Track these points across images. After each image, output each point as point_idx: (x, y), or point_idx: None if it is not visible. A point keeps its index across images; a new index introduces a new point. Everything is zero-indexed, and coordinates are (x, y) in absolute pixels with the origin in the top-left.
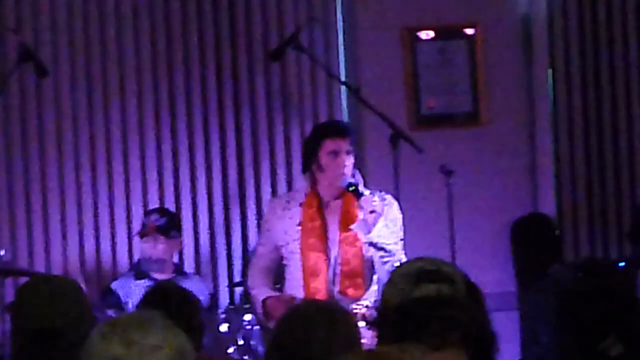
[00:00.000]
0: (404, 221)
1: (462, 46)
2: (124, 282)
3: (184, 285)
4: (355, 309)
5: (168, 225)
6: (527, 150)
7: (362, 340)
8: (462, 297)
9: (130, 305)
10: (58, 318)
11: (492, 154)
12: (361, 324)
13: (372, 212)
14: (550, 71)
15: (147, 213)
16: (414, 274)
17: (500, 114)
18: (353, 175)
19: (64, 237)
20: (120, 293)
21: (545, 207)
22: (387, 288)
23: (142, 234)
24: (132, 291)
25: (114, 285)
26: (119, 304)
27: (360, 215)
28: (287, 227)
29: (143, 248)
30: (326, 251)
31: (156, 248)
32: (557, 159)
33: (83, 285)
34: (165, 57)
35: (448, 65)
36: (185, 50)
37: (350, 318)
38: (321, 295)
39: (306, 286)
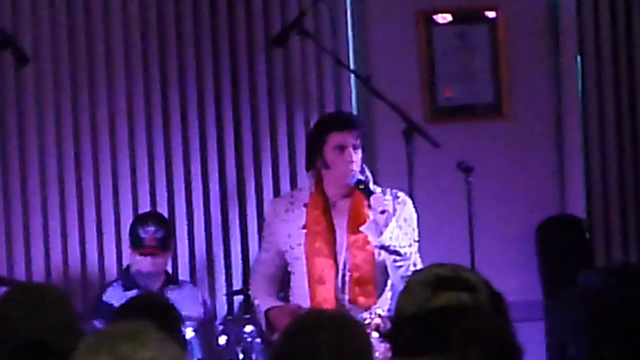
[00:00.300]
0: (418, 222)
1: (483, 31)
2: (115, 293)
3: (176, 295)
4: (367, 318)
5: (167, 237)
6: (553, 145)
7: (375, 354)
8: (484, 306)
9: None
10: (42, 330)
11: (515, 149)
12: (374, 334)
13: (383, 212)
14: (579, 58)
15: (141, 221)
16: (431, 281)
17: (525, 105)
18: (362, 172)
19: (46, 242)
20: (114, 304)
21: (574, 208)
22: (402, 296)
23: (143, 252)
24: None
25: (106, 297)
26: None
27: (371, 215)
28: (290, 231)
29: (139, 262)
30: (334, 256)
31: (155, 263)
32: (587, 155)
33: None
34: (157, 44)
35: (467, 52)
36: (178, 36)
37: (360, 328)
38: (329, 305)
39: (312, 295)
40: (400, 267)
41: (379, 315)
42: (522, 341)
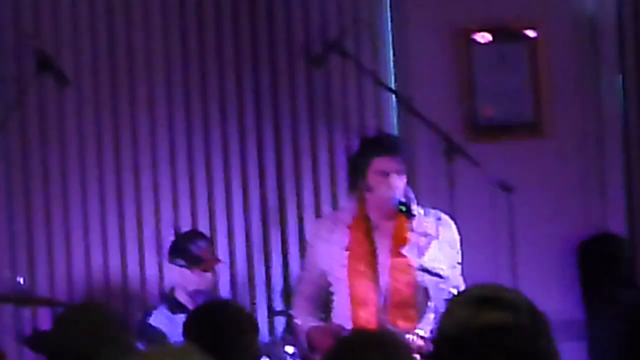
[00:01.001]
0: (460, 241)
1: (523, 49)
2: (161, 317)
3: None
4: (409, 340)
5: (214, 250)
6: (594, 164)
7: None
8: (525, 326)
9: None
10: (97, 349)
11: (556, 167)
12: (415, 357)
13: (425, 234)
14: (620, 77)
15: (189, 239)
16: (472, 302)
17: (565, 124)
18: (405, 195)
19: (87, 260)
20: (161, 328)
21: (615, 226)
22: (444, 317)
23: (205, 268)
24: (173, 326)
25: (152, 320)
26: (162, 339)
27: (413, 238)
28: (332, 252)
29: (198, 280)
30: (376, 279)
31: (213, 278)
32: (629, 173)
33: None
34: (197, 65)
35: (507, 71)
36: (219, 56)
37: (406, 349)
38: (371, 327)
39: (354, 316)
40: (442, 289)
41: (421, 337)
42: None
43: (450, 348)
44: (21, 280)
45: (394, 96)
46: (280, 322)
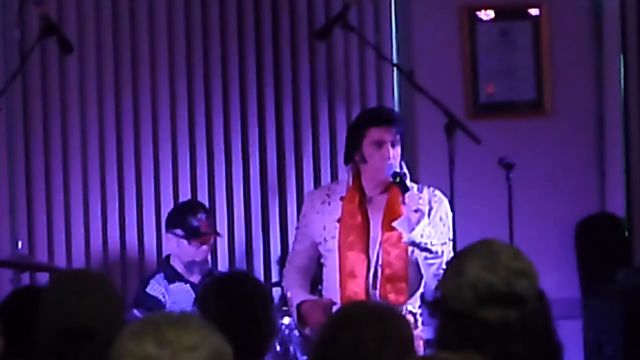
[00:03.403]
0: (459, 218)
1: (526, 28)
2: (159, 286)
3: None
4: None
5: (214, 221)
6: (594, 143)
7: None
8: (529, 319)
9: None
10: (88, 316)
11: (556, 146)
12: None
13: (416, 210)
14: (621, 56)
15: (190, 210)
16: (481, 292)
17: (566, 102)
18: (399, 168)
19: (87, 229)
20: (159, 297)
21: (614, 206)
22: (450, 281)
23: (203, 241)
24: (170, 294)
25: (150, 289)
26: (160, 308)
27: (404, 211)
28: (325, 223)
29: (194, 252)
30: (366, 251)
31: (208, 250)
32: (628, 153)
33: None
34: (200, 36)
35: (510, 49)
36: (222, 28)
37: (404, 320)
38: (360, 299)
39: (343, 289)
40: (431, 264)
41: (410, 312)
42: (559, 339)
43: (451, 323)
44: (20, 244)
45: (396, 70)
46: (276, 293)
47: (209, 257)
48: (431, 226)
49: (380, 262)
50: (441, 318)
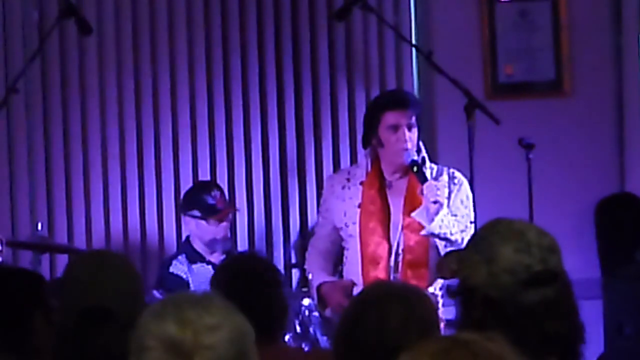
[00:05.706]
0: (479, 199)
1: (545, 7)
2: (181, 266)
3: None
4: None
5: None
6: (614, 123)
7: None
8: (563, 294)
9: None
10: (108, 296)
11: (576, 126)
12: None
13: (435, 202)
14: None
15: (203, 189)
16: (522, 274)
17: (586, 82)
18: (418, 151)
19: (106, 211)
20: (182, 275)
21: (634, 186)
22: (481, 270)
23: (221, 218)
24: (192, 275)
25: (173, 269)
26: (183, 288)
27: (423, 202)
28: (346, 208)
29: (213, 230)
30: (387, 237)
31: (227, 226)
32: None
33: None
34: (219, 17)
35: (529, 28)
36: (241, 9)
37: (429, 300)
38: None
39: (365, 274)
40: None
41: (432, 294)
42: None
43: (484, 307)
44: (39, 226)
45: (415, 51)
46: (296, 274)
47: (229, 235)
48: (453, 209)
49: (401, 247)
50: (474, 307)
